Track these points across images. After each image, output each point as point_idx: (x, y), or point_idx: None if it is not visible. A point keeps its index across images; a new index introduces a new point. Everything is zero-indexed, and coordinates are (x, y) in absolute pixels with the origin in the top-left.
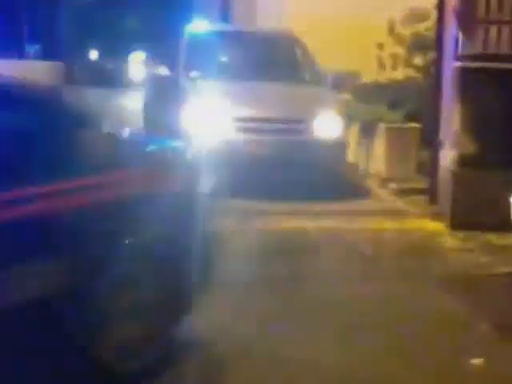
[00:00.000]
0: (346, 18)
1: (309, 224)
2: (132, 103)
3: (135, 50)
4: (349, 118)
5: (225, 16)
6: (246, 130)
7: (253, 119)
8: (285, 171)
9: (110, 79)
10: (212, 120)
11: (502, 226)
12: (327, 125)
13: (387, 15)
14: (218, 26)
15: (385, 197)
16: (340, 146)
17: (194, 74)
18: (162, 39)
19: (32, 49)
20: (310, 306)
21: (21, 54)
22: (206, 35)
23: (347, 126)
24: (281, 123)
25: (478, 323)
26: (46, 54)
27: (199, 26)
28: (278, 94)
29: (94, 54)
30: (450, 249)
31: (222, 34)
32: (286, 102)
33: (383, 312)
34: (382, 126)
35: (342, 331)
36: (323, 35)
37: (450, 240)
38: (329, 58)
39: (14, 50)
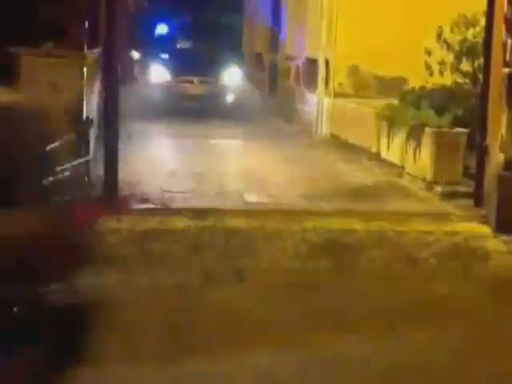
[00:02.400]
0: (394, 24)
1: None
2: None
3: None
4: (396, 122)
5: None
6: None
7: None
8: None
9: None
10: None
11: None
12: None
13: (436, 21)
14: None
15: (431, 199)
16: None
17: None
18: None
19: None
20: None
21: None
22: None
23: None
24: None
25: None
26: None
27: None
28: None
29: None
30: (494, 251)
31: None
32: None
33: (429, 312)
34: (429, 131)
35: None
36: (372, 40)
37: (495, 243)
38: (377, 63)
39: None
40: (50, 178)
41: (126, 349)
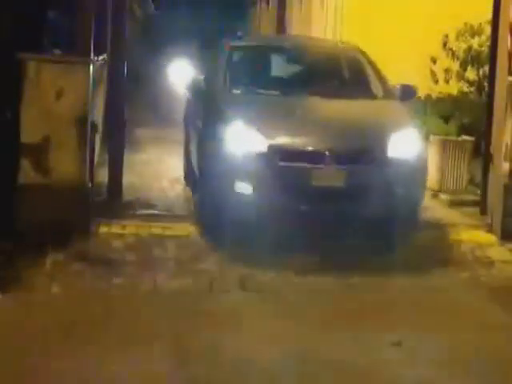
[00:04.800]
0: (400, 32)
1: None
2: None
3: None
4: None
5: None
6: None
7: None
8: None
9: None
10: None
11: None
12: None
13: (441, 29)
14: None
15: (436, 208)
16: None
17: None
18: None
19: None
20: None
21: None
22: None
23: None
24: None
25: None
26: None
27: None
28: None
29: None
30: (499, 260)
31: None
32: None
33: (433, 321)
34: (435, 139)
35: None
36: (376, 48)
37: (501, 251)
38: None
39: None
40: None
41: None
